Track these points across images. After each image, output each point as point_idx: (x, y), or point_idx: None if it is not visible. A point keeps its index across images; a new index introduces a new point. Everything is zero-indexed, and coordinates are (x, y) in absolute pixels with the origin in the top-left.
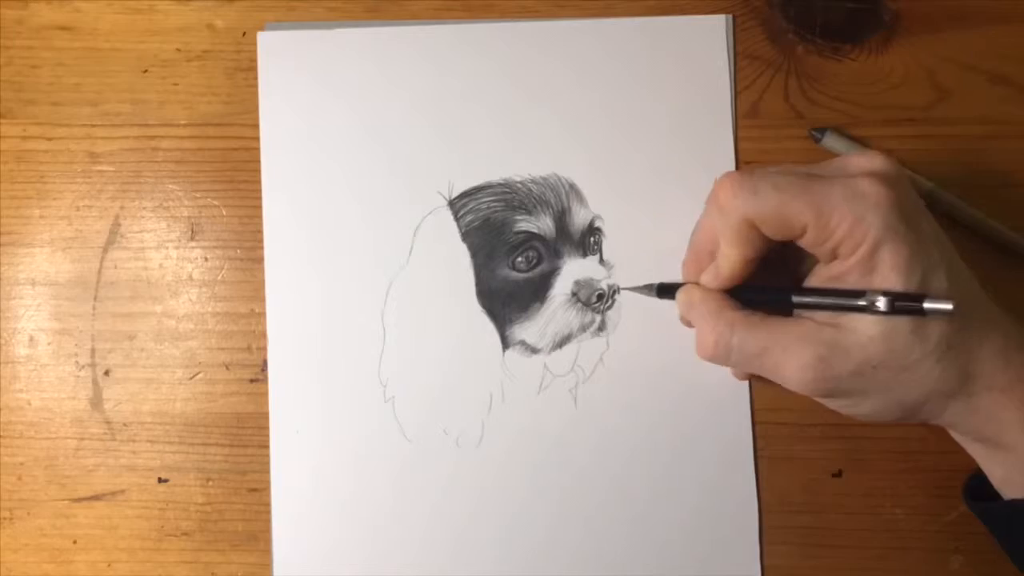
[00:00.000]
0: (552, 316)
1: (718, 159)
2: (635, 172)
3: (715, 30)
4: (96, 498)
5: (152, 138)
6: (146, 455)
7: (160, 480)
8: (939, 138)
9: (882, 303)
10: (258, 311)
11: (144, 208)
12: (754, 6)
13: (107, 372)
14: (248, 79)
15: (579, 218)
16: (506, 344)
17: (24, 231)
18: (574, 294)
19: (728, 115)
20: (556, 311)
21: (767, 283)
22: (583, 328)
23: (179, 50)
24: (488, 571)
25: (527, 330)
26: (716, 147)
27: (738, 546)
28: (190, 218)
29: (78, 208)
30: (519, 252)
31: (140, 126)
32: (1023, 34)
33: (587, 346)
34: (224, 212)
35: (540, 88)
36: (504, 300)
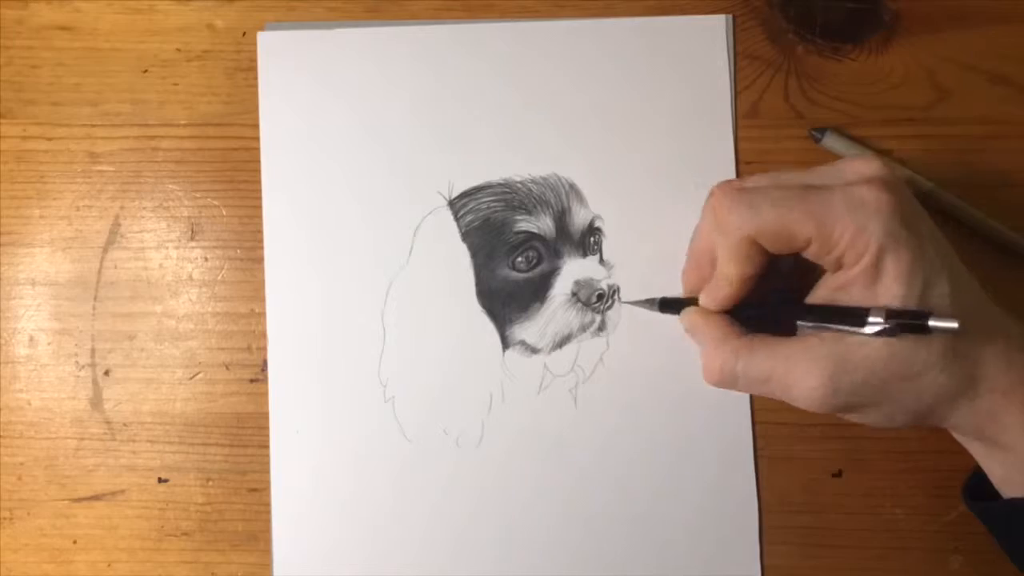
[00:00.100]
0: (552, 316)
1: (718, 159)
2: (635, 172)
3: (715, 30)
4: (96, 498)
5: (152, 138)
6: (146, 455)
7: (160, 480)
8: (939, 138)
9: (886, 326)
10: (258, 311)
11: (144, 208)
12: (754, 6)
13: (107, 372)
14: (248, 79)
15: (579, 218)
16: (506, 344)
17: (24, 231)
18: (574, 294)
19: (728, 115)
20: (556, 311)
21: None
22: (583, 328)
23: (179, 50)
24: (488, 571)
25: (527, 330)
26: (716, 147)
27: (738, 546)
28: (190, 218)
29: (78, 208)
30: (519, 252)
31: (140, 126)
32: (1023, 34)
33: (587, 346)
34: (224, 212)
35: (540, 88)
36: (504, 300)
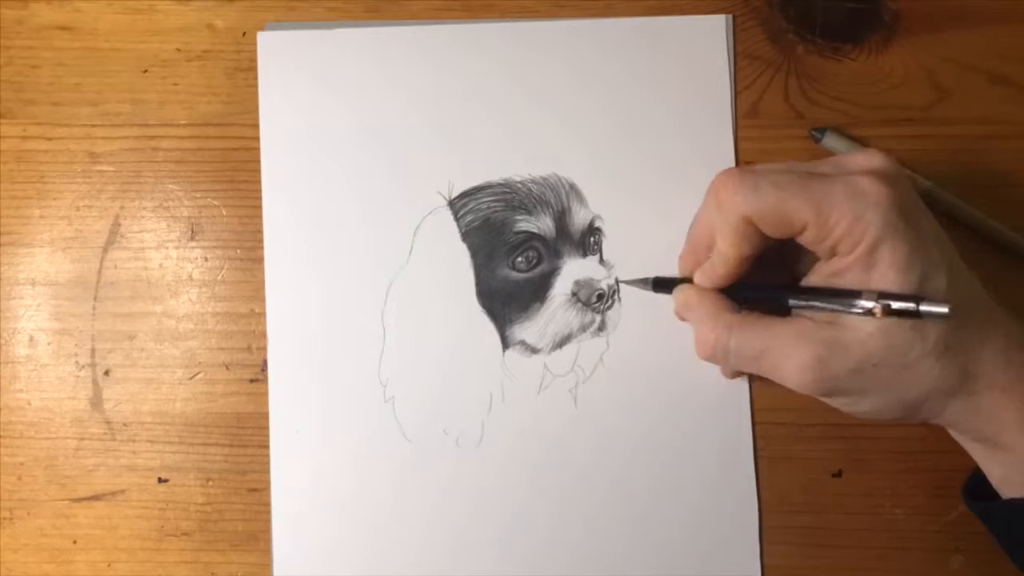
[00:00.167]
0: (552, 316)
1: (718, 159)
2: (635, 172)
3: (715, 30)
4: (96, 498)
5: (152, 138)
6: (146, 455)
7: (160, 480)
8: (939, 138)
9: (878, 308)
10: (258, 311)
11: (144, 208)
12: (754, 6)
13: (107, 372)
14: (248, 79)
15: (579, 218)
16: (506, 344)
17: (24, 231)
18: (574, 294)
19: (728, 115)
20: (556, 311)
21: (765, 280)
22: (583, 328)
23: (179, 50)
24: (488, 571)
25: (527, 330)
26: (716, 147)
27: (738, 546)
28: (190, 218)
29: (78, 208)
30: (519, 252)
31: (140, 126)
32: (1023, 34)
33: (587, 346)
34: (224, 212)
35: (540, 88)
36: (504, 300)
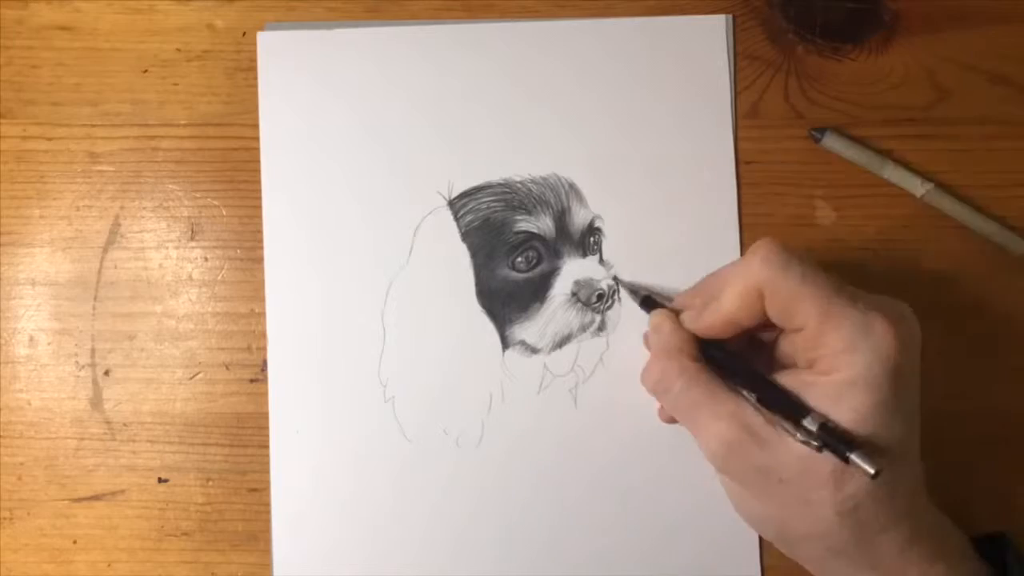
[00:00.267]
0: (552, 316)
1: (718, 159)
2: (635, 172)
3: (715, 30)
4: (96, 498)
5: (152, 138)
6: (146, 455)
7: (160, 480)
8: (939, 138)
9: (815, 430)
10: (258, 311)
11: (144, 208)
12: (754, 6)
13: (107, 372)
14: (248, 79)
15: (579, 218)
16: (506, 344)
17: (24, 231)
18: (574, 294)
19: (728, 115)
20: (556, 311)
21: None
22: (583, 328)
23: (179, 50)
24: (488, 571)
25: (527, 330)
26: (716, 147)
27: (738, 546)
28: (190, 218)
29: (78, 208)
30: (519, 252)
31: (140, 126)
32: (1023, 34)
33: (587, 346)
34: (224, 212)
35: (540, 88)
36: (504, 300)
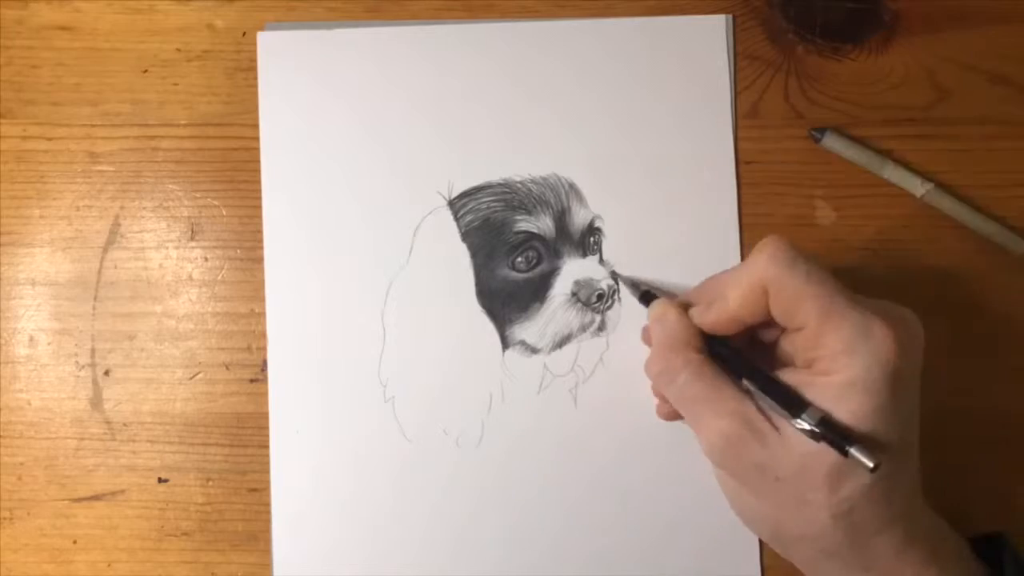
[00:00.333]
0: (552, 316)
1: (718, 159)
2: (635, 172)
3: (715, 30)
4: (96, 498)
5: (152, 138)
6: (146, 455)
7: (160, 480)
8: (939, 138)
9: (812, 423)
10: (258, 311)
11: (144, 208)
12: (754, 6)
13: (107, 372)
14: (248, 79)
15: (579, 218)
16: (506, 344)
17: (24, 231)
18: (574, 294)
19: (728, 115)
20: (556, 311)
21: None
22: (583, 328)
23: (179, 50)
24: (488, 571)
25: (527, 330)
26: (716, 147)
27: (738, 546)
28: (190, 218)
29: (78, 208)
30: (519, 252)
31: (140, 126)
32: (1023, 34)
33: (587, 346)
34: (224, 212)
35: (540, 88)
36: (504, 300)
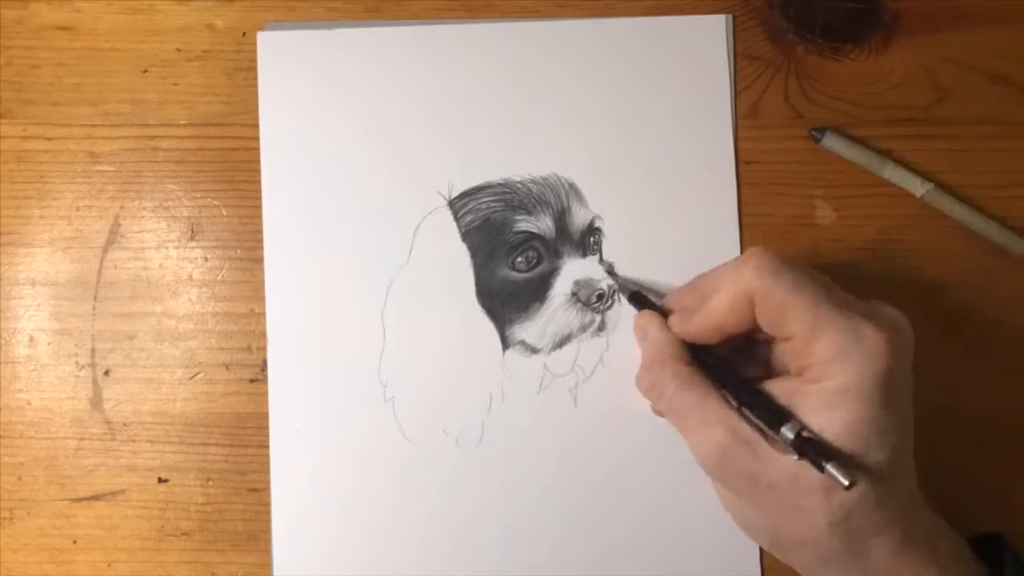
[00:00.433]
0: (552, 316)
1: (718, 159)
2: (635, 172)
3: (715, 30)
4: (96, 498)
5: (152, 138)
6: (146, 455)
7: (160, 480)
8: (939, 138)
9: (791, 439)
10: (258, 311)
11: (144, 208)
12: (754, 6)
13: (107, 372)
14: (248, 79)
15: (579, 218)
16: (506, 344)
17: (24, 231)
18: (574, 294)
19: (728, 115)
20: (556, 311)
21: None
22: (583, 328)
23: (179, 50)
24: (488, 571)
25: (527, 330)
26: (716, 147)
27: (738, 546)
28: (190, 218)
29: (78, 208)
30: (519, 252)
31: (140, 126)
32: (1023, 34)
33: (587, 346)
34: (224, 212)
35: (540, 88)
36: (504, 300)
